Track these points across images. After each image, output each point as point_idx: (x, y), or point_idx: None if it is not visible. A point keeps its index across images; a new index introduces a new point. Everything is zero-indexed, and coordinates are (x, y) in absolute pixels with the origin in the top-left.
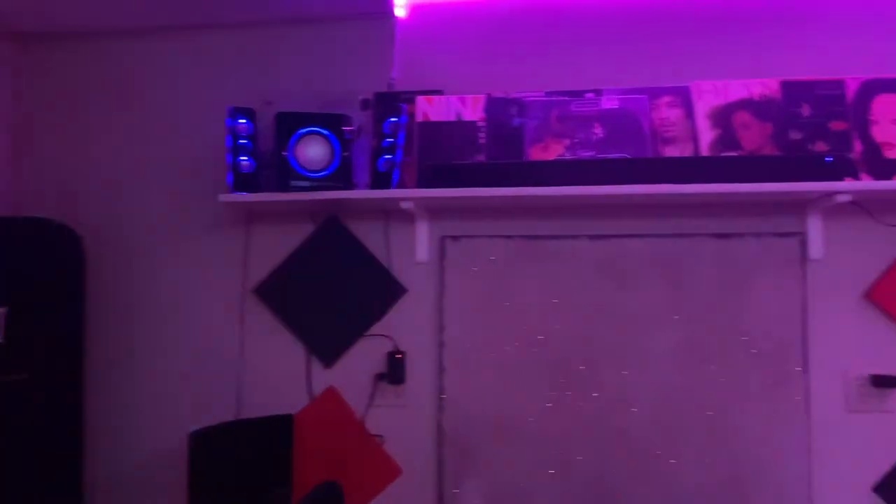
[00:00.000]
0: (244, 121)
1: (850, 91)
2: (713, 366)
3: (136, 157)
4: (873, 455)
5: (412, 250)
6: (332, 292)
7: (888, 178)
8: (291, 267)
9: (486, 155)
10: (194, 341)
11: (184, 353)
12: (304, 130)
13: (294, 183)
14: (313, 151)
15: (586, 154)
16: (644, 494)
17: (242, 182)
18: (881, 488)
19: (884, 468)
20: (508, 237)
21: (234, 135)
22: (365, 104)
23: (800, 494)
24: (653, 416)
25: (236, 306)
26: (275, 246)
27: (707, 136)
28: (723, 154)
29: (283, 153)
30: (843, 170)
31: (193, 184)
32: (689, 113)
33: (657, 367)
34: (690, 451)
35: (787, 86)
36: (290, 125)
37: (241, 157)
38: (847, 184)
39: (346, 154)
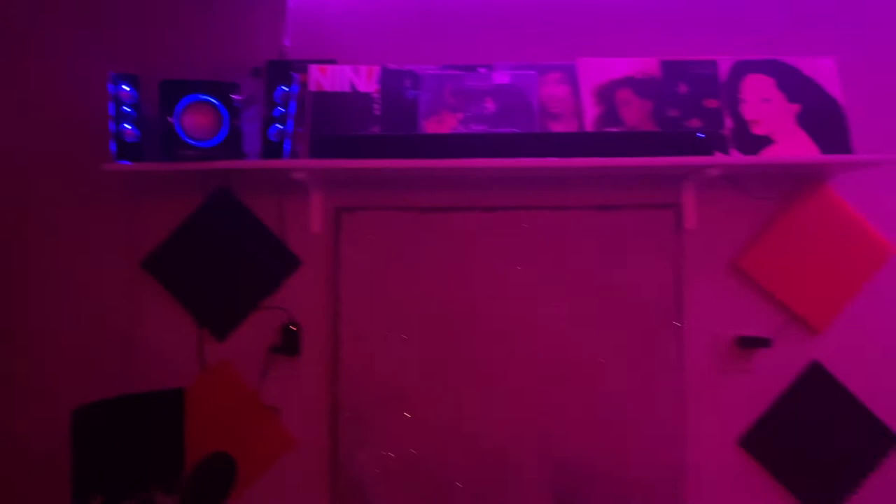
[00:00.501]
0: (128, 88)
1: (723, 71)
2: (595, 330)
3: (14, 125)
4: (739, 411)
5: (306, 222)
6: (223, 265)
7: (755, 153)
8: (181, 239)
9: (381, 127)
10: (80, 314)
11: (69, 327)
12: (191, 98)
13: (181, 152)
14: (201, 120)
15: (479, 128)
16: (531, 456)
17: (126, 151)
18: (745, 441)
19: (748, 423)
20: (403, 209)
21: (117, 102)
22: (256, 72)
23: (672, 447)
24: (539, 379)
25: (124, 279)
26: (163, 217)
27: (591, 112)
28: (605, 130)
29: (169, 121)
30: (714, 145)
31: (76, 153)
32: (575, 90)
33: (543, 332)
34: (572, 409)
35: (665, 65)
36: (175, 93)
37: (125, 126)
38: (717, 158)
39: (235, 123)
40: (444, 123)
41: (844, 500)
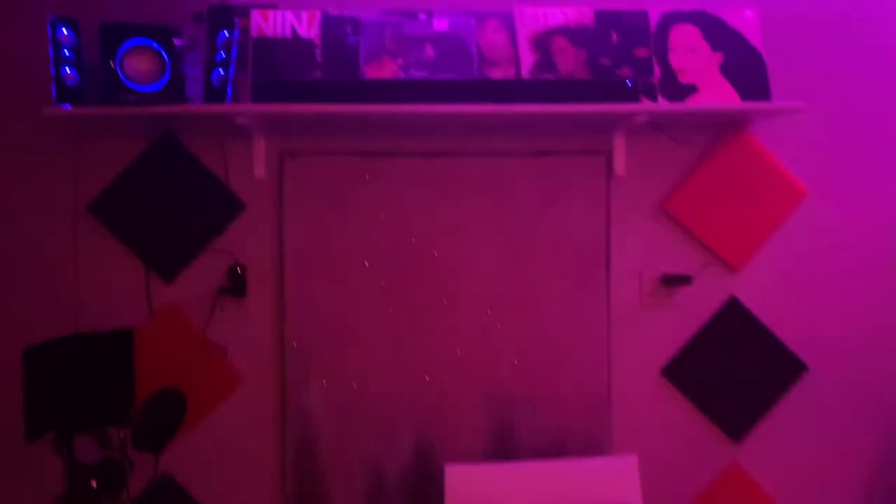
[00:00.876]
0: (67, 31)
1: (653, 21)
2: (529, 269)
3: None
4: (662, 344)
5: (250, 166)
6: (169, 209)
7: (682, 100)
8: (126, 183)
9: (322, 72)
10: (25, 259)
11: (15, 272)
12: (132, 43)
13: (123, 97)
14: (142, 64)
15: (419, 74)
16: (469, 385)
17: (67, 95)
18: (667, 371)
19: (670, 354)
20: (345, 154)
21: (57, 46)
22: (197, 17)
23: (599, 377)
24: (477, 315)
25: (69, 223)
26: (107, 162)
27: (528, 59)
28: (541, 77)
29: (110, 66)
30: (642, 93)
31: (17, 97)
32: (513, 37)
33: (481, 272)
34: (508, 344)
35: (599, 15)
36: (116, 37)
37: (65, 70)
38: (644, 105)
39: (177, 68)
40: (385, 69)
41: (755, 423)
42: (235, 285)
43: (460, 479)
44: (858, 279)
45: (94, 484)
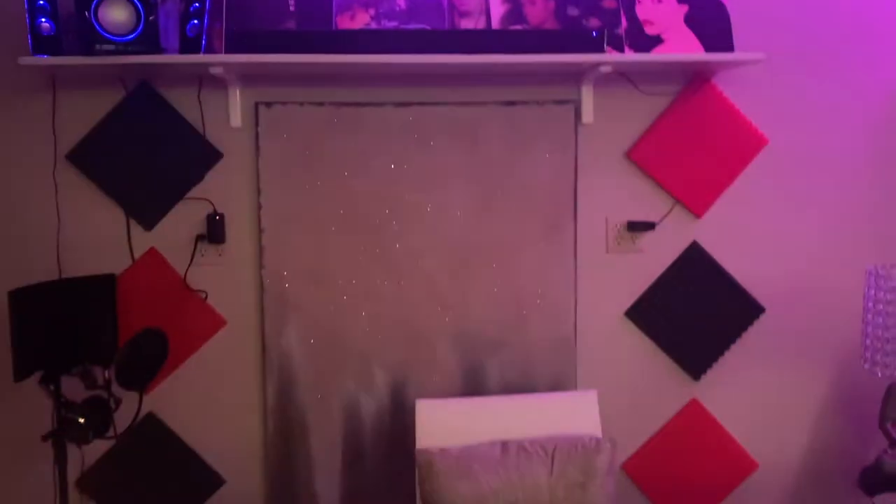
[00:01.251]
0: None
1: None
2: (499, 216)
3: None
4: (626, 287)
5: (226, 116)
6: (147, 157)
7: (647, 51)
8: (104, 132)
9: (295, 23)
10: (8, 207)
11: None
12: None
13: (98, 47)
14: (117, 14)
15: (390, 24)
16: (441, 327)
17: (43, 45)
18: (631, 313)
19: (634, 297)
20: (319, 104)
21: None
22: None
23: (566, 318)
24: (449, 261)
25: (49, 171)
26: (85, 112)
27: (498, 10)
28: (510, 28)
29: (86, 15)
30: (609, 44)
31: None
32: None
33: (453, 219)
34: (480, 288)
35: None
36: None
37: (40, 19)
38: (611, 56)
39: (151, 18)
40: (357, 19)
41: (714, 361)
42: (214, 232)
43: (430, 412)
44: (813, 225)
45: (80, 420)
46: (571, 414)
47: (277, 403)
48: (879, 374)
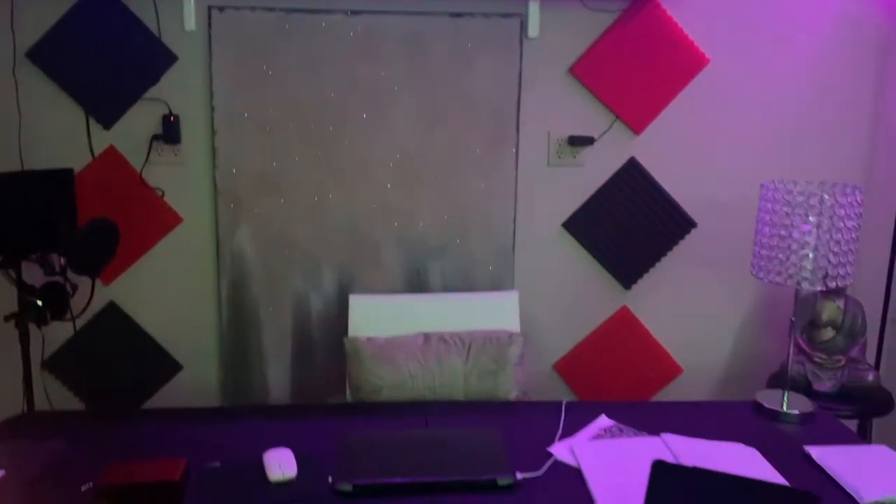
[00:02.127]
0: None
1: None
2: (445, 128)
3: None
4: (565, 200)
5: (181, 19)
6: (105, 57)
7: None
8: (63, 32)
9: None
10: None
11: None
12: None
13: None
14: None
15: None
16: (387, 234)
17: None
18: (568, 224)
19: (572, 209)
20: (270, 9)
21: None
22: None
23: (506, 228)
24: (394, 169)
25: (9, 69)
26: (44, 11)
27: None
28: None
29: None
30: None
31: None
32: None
33: (398, 128)
34: (424, 197)
35: None
36: None
37: None
38: None
39: None
40: None
41: (645, 272)
42: (169, 133)
43: (362, 306)
44: (747, 145)
45: (38, 303)
46: (494, 312)
47: (231, 297)
48: (764, 280)
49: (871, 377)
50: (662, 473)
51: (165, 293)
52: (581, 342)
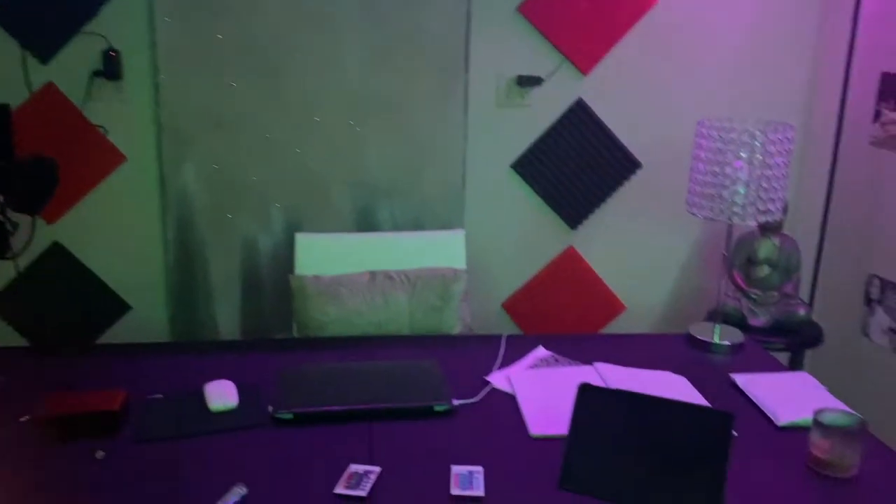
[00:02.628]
0: None
1: None
2: (394, 67)
3: None
4: (513, 140)
5: None
6: None
7: None
8: None
9: None
10: None
11: None
12: None
13: None
14: None
15: None
16: (336, 173)
17: None
18: (516, 165)
19: (521, 150)
20: None
21: None
22: None
23: (456, 169)
24: (344, 109)
25: None
26: None
27: None
28: None
29: None
30: None
31: None
32: None
33: (348, 68)
34: (373, 138)
35: None
36: None
37: None
38: None
39: None
40: None
41: (590, 213)
42: (110, 69)
43: (308, 245)
44: (692, 87)
45: None
46: (441, 251)
47: (178, 237)
48: (699, 216)
49: (803, 312)
50: (587, 395)
51: (111, 233)
52: (528, 281)
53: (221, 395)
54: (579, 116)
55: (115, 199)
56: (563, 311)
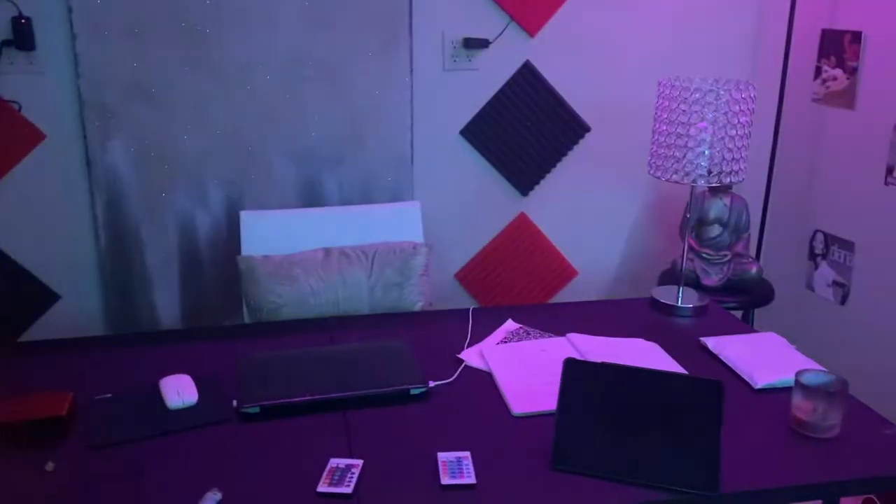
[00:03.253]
0: None
1: None
2: (333, 28)
3: None
4: (461, 105)
5: None
6: None
7: None
8: None
9: None
10: None
11: None
12: None
13: None
14: None
15: None
16: (276, 145)
17: None
18: (465, 132)
19: (469, 116)
20: None
21: None
22: None
23: (403, 136)
24: (281, 74)
25: None
26: None
27: None
28: None
29: None
30: None
31: None
32: None
33: (283, 31)
34: (313, 105)
35: None
36: None
37: None
38: None
39: None
40: None
41: (541, 178)
42: (22, 38)
43: (255, 223)
44: (640, 48)
45: None
46: (396, 224)
47: (108, 218)
48: (662, 179)
49: (753, 270)
50: (573, 370)
51: (34, 217)
52: (481, 250)
53: (179, 390)
54: (527, 80)
55: (37, 181)
56: (516, 279)
